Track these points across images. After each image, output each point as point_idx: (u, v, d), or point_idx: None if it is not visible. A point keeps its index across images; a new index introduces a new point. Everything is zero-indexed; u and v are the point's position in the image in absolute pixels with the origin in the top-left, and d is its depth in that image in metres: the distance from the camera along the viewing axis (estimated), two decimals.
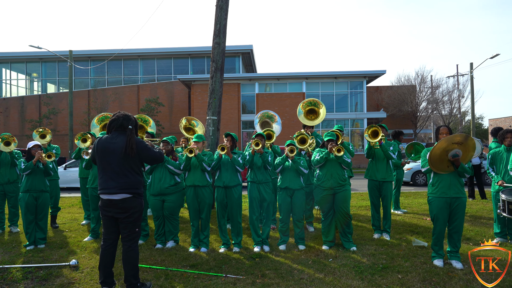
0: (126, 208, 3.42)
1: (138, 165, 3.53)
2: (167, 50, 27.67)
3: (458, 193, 4.14)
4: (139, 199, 3.50)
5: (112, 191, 3.38)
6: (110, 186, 3.38)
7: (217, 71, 7.95)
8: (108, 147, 3.42)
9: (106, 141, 3.46)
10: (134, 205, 3.45)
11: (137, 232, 3.53)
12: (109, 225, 3.51)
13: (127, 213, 3.42)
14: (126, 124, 3.47)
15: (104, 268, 3.48)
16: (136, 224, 3.50)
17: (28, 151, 5.34)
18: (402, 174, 7.64)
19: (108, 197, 3.40)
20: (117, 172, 3.39)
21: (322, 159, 4.87)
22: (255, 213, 5.03)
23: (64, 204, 8.85)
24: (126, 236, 3.48)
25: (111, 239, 3.52)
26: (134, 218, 3.48)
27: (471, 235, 5.56)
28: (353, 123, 24.44)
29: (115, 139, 3.44)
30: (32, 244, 5.21)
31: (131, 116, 3.55)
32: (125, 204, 3.41)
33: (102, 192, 3.43)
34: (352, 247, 4.84)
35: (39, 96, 28.05)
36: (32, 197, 5.24)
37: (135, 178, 3.47)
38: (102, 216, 3.52)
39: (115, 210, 3.42)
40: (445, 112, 28.12)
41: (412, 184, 12.88)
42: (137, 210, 3.49)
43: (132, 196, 3.43)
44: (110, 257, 3.51)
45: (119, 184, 3.37)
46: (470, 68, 23.64)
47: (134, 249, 3.49)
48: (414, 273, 3.94)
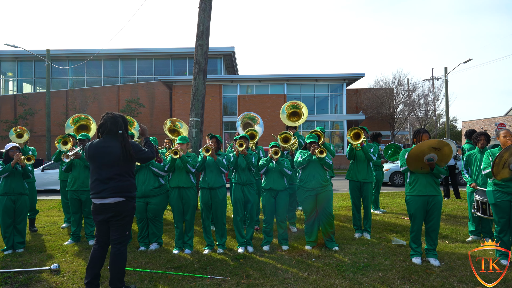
0: (119, 212, 3.40)
1: (132, 167, 3.52)
2: (148, 50, 27.35)
3: (433, 192, 4.31)
4: (132, 203, 3.50)
5: (104, 195, 3.35)
6: (102, 191, 3.35)
7: (200, 72, 7.95)
8: (101, 152, 3.39)
9: (98, 146, 3.42)
10: (127, 208, 3.44)
11: (127, 235, 3.51)
12: (100, 228, 3.48)
13: (118, 217, 3.40)
14: (114, 129, 3.42)
15: (93, 269, 3.43)
16: (126, 227, 3.49)
17: (6, 153, 5.20)
18: (381, 175, 7.85)
19: (100, 202, 3.37)
20: (110, 176, 3.37)
21: (304, 160, 4.96)
22: (239, 214, 5.07)
23: (43, 207, 8.61)
24: (116, 239, 3.45)
25: (104, 241, 3.50)
26: (125, 221, 3.46)
27: (447, 233, 5.79)
28: (333, 124, 24.85)
29: (108, 143, 3.41)
30: (10, 248, 5.06)
31: (118, 119, 3.48)
32: (118, 207, 3.39)
33: (94, 197, 3.40)
34: (335, 246, 4.96)
35: (14, 96, 27.10)
36: (10, 200, 5.09)
37: (129, 182, 3.46)
38: (95, 221, 3.49)
39: (108, 214, 3.39)
40: (421, 114, 29.00)
41: (390, 184, 13.23)
42: (129, 213, 3.48)
43: (126, 199, 3.42)
44: (100, 257, 3.48)
45: (112, 188, 3.35)
46: (444, 72, 24.49)
47: (123, 252, 3.47)
48: (394, 271, 4.08)
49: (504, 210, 4.26)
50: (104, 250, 3.53)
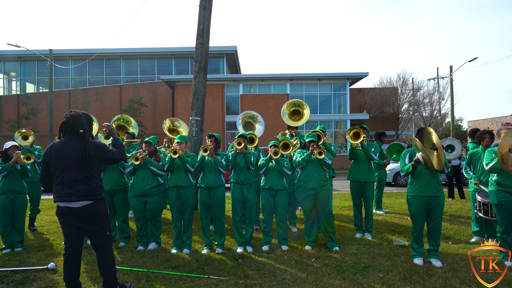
0: (88, 216, 3.18)
1: (97, 169, 3.30)
2: (151, 50, 27.35)
3: (435, 192, 4.22)
4: (101, 204, 3.27)
5: (70, 199, 3.12)
6: (67, 194, 3.12)
7: (201, 71, 7.90)
8: (63, 152, 3.16)
9: (60, 146, 3.20)
10: (97, 210, 3.23)
11: (108, 235, 3.35)
12: (70, 233, 3.23)
13: (90, 221, 3.20)
14: (76, 128, 3.20)
15: (70, 279, 3.21)
16: (105, 229, 3.31)
17: (5, 152, 5.18)
18: (384, 174, 7.76)
19: (65, 205, 3.14)
20: (74, 178, 3.13)
21: (303, 160, 4.89)
22: (238, 214, 5.01)
23: (43, 206, 8.61)
24: (99, 243, 3.29)
25: (74, 247, 3.25)
26: (101, 224, 3.27)
27: (450, 234, 5.70)
28: (336, 124, 24.73)
29: (69, 143, 3.19)
30: (9, 247, 5.06)
31: (81, 117, 3.25)
32: (86, 211, 3.17)
33: (59, 200, 3.15)
34: (335, 247, 4.89)
35: (17, 95, 27.22)
36: (8, 199, 5.08)
37: (95, 183, 3.23)
38: (61, 225, 3.24)
39: (76, 219, 3.17)
40: (426, 114, 28.77)
41: (394, 184, 13.12)
42: (102, 215, 3.27)
43: (94, 202, 3.19)
44: (75, 266, 3.25)
45: (78, 191, 3.12)
46: (449, 71, 24.26)
47: (108, 251, 3.32)
48: (394, 272, 4.01)
49: (507, 210, 4.18)
50: (77, 257, 3.27)
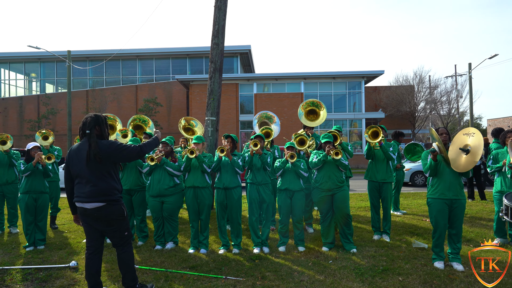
0: (102, 217, 3.21)
1: (110, 169, 3.28)
2: (166, 50, 27.63)
3: (457, 195, 4.12)
4: (116, 206, 3.25)
5: (84, 200, 3.19)
6: (81, 194, 3.20)
7: (216, 71, 7.93)
8: (77, 154, 3.25)
9: (75, 148, 3.31)
10: (111, 213, 3.22)
11: (127, 235, 3.37)
12: (91, 232, 3.31)
13: (105, 223, 3.24)
14: (84, 129, 3.26)
15: (91, 278, 3.28)
16: (122, 230, 3.32)
17: (27, 152, 5.32)
18: (402, 175, 7.64)
19: (81, 205, 3.22)
20: (87, 179, 3.19)
21: (320, 161, 4.85)
22: (254, 215, 5.02)
23: (64, 205, 8.80)
24: (117, 243, 3.34)
25: (95, 246, 3.33)
26: (117, 226, 3.29)
27: (472, 236, 5.56)
28: (351, 123, 24.46)
29: (82, 145, 3.27)
30: (32, 245, 5.20)
31: (88, 118, 3.30)
32: (99, 213, 3.19)
33: (76, 200, 3.25)
34: (352, 248, 4.83)
35: (37, 96, 27.97)
36: (31, 198, 5.22)
37: (106, 184, 3.22)
38: (82, 223, 3.32)
39: (93, 220, 3.23)
40: (443, 112, 28.18)
41: (411, 184, 12.90)
42: (118, 217, 3.27)
43: (106, 204, 3.19)
44: (96, 265, 3.31)
45: (90, 193, 3.17)
46: (468, 68, 23.69)
47: (127, 251, 3.36)
48: (414, 275, 3.94)
49: None
50: (98, 256, 3.33)
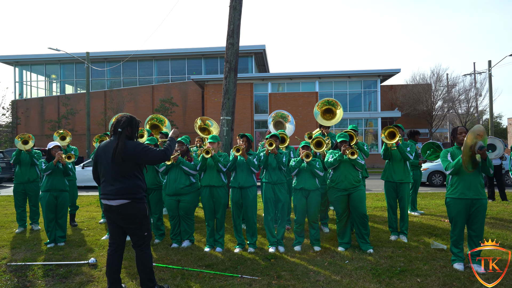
0: (126, 215, 3.28)
1: (135, 168, 3.34)
2: (181, 50, 27.91)
3: (478, 195, 4.01)
4: (139, 204, 3.32)
5: (110, 197, 3.26)
6: (108, 192, 3.28)
7: (231, 71, 7.96)
8: (105, 151, 3.33)
9: (103, 146, 3.39)
10: (135, 211, 3.29)
11: (146, 236, 3.41)
12: (114, 230, 3.41)
13: (128, 220, 3.31)
14: (116, 127, 3.33)
15: (111, 274, 3.36)
16: (143, 229, 3.37)
17: (48, 152, 5.47)
18: (419, 175, 7.50)
19: (107, 202, 3.30)
20: (113, 177, 3.27)
21: (335, 161, 4.81)
22: (270, 214, 5.02)
23: (82, 203, 9.02)
24: (136, 242, 3.39)
25: (117, 243, 3.42)
26: (139, 224, 3.34)
27: (492, 238, 5.40)
28: (366, 122, 24.17)
29: (111, 142, 3.34)
30: (53, 242, 5.34)
31: (123, 117, 3.38)
32: (124, 210, 3.26)
33: (102, 197, 3.33)
34: (369, 249, 4.78)
35: (58, 97, 28.73)
36: (52, 196, 5.37)
37: (133, 183, 3.30)
38: (107, 220, 3.42)
39: (116, 216, 3.31)
40: (461, 111, 27.53)
41: (429, 184, 12.65)
42: (140, 215, 3.33)
43: (131, 201, 3.27)
44: (116, 262, 3.39)
45: (116, 190, 3.24)
46: (488, 66, 23.06)
47: (146, 252, 3.39)
48: (433, 277, 3.87)
49: None
50: (119, 253, 3.42)
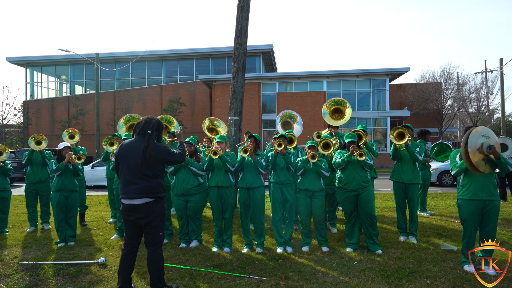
0: (148, 213, 3.35)
1: (160, 168, 3.47)
2: (189, 51, 28.02)
3: (490, 196, 3.94)
4: (161, 203, 3.44)
5: (133, 196, 3.32)
6: (131, 191, 3.33)
7: (239, 71, 7.97)
8: (130, 151, 3.39)
9: (128, 145, 3.44)
10: (156, 209, 3.38)
11: (161, 236, 3.47)
12: (130, 230, 3.46)
13: (149, 218, 3.36)
14: (146, 128, 3.42)
15: (124, 273, 3.41)
16: (159, 229, 3.44)
17: (59, 152, 5.55)
18: (428, 175, 7.41)
19: (129, 202, 3.34)
20: (138, 176, 3.34)
21: (343, 161, 4.78)
22: (277, 214, 5.01)
23: (92, 203, 9.12)
24: (150, 241, 3.42)
25: (132, 244, 3.47)
26: (157, 223, 3.41)
27: (504, 239, 5.33)
28: (375, 121, 23.97)
29: (137, 143, 3.41)
30: (63, 241, 5.41)
31: (152, 120, 3.51)
32: (147, 208, 3.34)
33: (123, 197, 3.37)
34: (378, 249, 4.74)
35: (67, 97, 29.08)
36: (62, 196, 5.44)
37: (157, 182, 3.41)
38: (124, 221, 3.46)
39: (137, 215, 3.36)
40: (472, 110, 27.12)
41: (438, 184, 12.50)
42: (160, 214, 3.42)
43: (154, 200, 3.37)
44: (130, 261, 3.45)
45: (140, 189, 3.31)
46: (499, 64, 22.66)
47: (159, 253, 3.44)
48: (443, 279, 3.82)
49: None
50: (134, 253, 3.48)
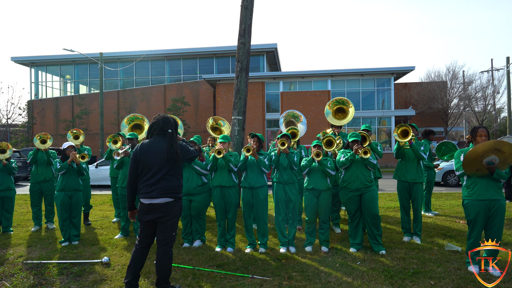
0: (166, 212, 3.39)
1: (180, 168, 3.52)
2: (193, 50, 28.06)
3: (496, 196, 3.91)
4: (179, 203, 3.49)
5: (153, 195, 3.35)
6: (151, 190, 3.36)
7: (242, 71, 7.96)
8: (151, 151, 3.41)
9: (149, 145, 3.45)
10: (175, 209, 3.44)
11: (173, 236, 3.49)
12: (145, 229, 3.48)
13: (167, 217, 3.39)
14: (166, 128, 3.45)
15: (133, 269, 3.45)
16: (173, 228, 3.47)
17: (63, 152, 5.57)
18: (433, 175, 7.37)
19: (149, 201, 3.37)
20: (159, 176, 3.37)
21: (347, 160, 4.76)
22: (281, 214, 5.00)
23: (96, 202, 9.16)
24: (163, 240, 3.43)
25: (146, 242, 3.51)
26: (173, 222, 3.45)
27: (510, 239, 5.28)
28: (379, 121, 23.88)
29: (157, 143, 3.43)
30: (67, 240, 5.44)
31: (170, 119, 3.54)
32: (166, 208, 3.38)
33: (144, 196, 3.39)
34: (381, 250, 4.72)
35: (72, 97, 29.25)
36: (66, 196, 5.46)
37: (178, 182, 3.47)
38: (140, 221, 3.48)
39: (156, 214, 3.38)
40: (478, 109, 26.91)
41: (443, 184, 12.42)
42: (177, 214, 3.48)
43: (174, 200, 3.42)
44: (142, 258, 3.49)
45: (162, 188, 3.36)
46: (506, 63, 22.53)
47: (169, 253, 3.45)
48: (447, 280, 3.79)
49: None
50: (146, 251, 3.53)
